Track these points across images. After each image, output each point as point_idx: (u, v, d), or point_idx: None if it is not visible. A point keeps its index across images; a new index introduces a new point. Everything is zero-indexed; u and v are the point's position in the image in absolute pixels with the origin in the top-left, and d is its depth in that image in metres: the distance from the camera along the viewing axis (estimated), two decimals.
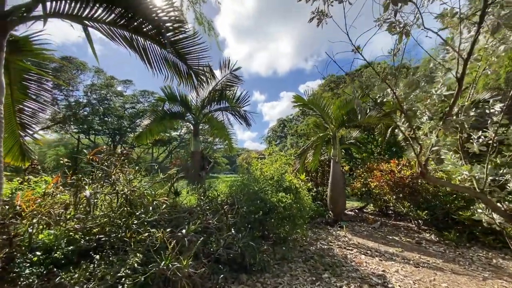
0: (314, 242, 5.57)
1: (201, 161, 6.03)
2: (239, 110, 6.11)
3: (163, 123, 7.00)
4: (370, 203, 9.58)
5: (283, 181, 5.37)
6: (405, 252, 5.02)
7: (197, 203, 4.17)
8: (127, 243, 3.07)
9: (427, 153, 2.13)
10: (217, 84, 5.98)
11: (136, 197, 3.20)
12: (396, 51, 1.83)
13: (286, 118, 42.56)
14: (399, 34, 1.77)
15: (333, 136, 7.57)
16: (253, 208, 4.59)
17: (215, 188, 5.20)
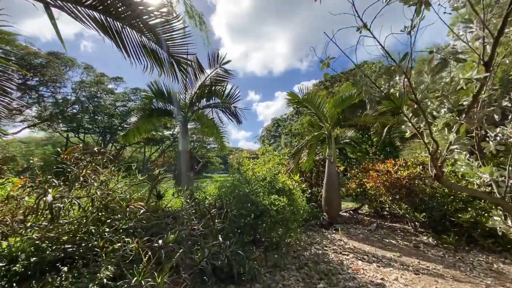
0: (308, 247, 5.28)
1: (189, 160, 5.68)
2: (229, 107, 5.76)
3: (151, 120, 6.61)
4: (365, 204, 9.38)
5: (276, 182, 5.07)
6: (403, 257, 4.78)
7: (181, 207, 3.83)
8: (99, 253, 2.71)
9: (444, 152, 1.84)
10: (206, 79, 5.63)
11: (109, 202, 2.84)
12: (411, 28, 1.52)
13: (281, 118, 42.37)
14: (418, 4, 1.47)
15: (328, 135, 7.31)
16: (244, 211, 4.27)
17: (203, 189, 4.85)
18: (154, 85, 6.29)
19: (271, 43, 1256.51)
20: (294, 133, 18.39)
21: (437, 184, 6.37)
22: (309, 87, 22.90)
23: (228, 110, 5.82)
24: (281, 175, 5.30)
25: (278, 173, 5.39)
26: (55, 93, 23.94)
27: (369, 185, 7.57)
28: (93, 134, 34.75)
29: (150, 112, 6.44)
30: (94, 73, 28.76)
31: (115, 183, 3.35)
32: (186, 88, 6.08)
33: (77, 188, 3.37)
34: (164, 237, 2.60)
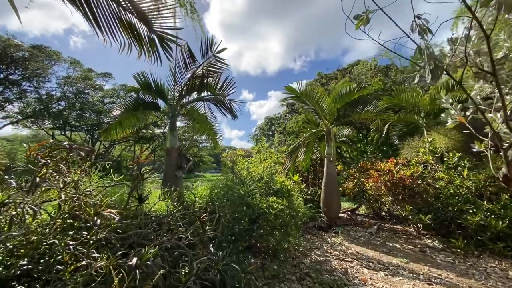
0: (308, 253, 4.86)
1: (178, 159, 5.16)
2: (223, 100, 5.26)
3: (135, 114, 6.04)
4: (363, 204, 9.06)
5: (274, 182, 4.63)
6: (411, 263, 4.42)
7: (167, 212, 3.33)
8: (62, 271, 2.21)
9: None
10: (198, 69, 5.12)
11: (74, 208, 2.33)
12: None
13: (274, 117, 41.98)
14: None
15: (327, 132, 6.91)
16: (238, 215, 3.81)
17: (193, 191, 4.36)
18: (140, 76, 5.74)
19: (264, 43, 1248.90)
20: (288, 131, 18.01)
21: (441, 184, 6.06)
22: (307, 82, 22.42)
23: (221, 103, 5.31)
24: (278, 175, 4.85)
25: (275, 173, 4.95)
26: (39, 88, 22.82)
27: (369, 185, 7.22)
28: (81, 132, 33.60)
29: (135, 105, 5.88)
30: (81, 68, 27.65)
31: (86, 184, 2.83)
32: (175, 79, 5.55)
33: (43, 191, 2.83)
34: (142, 253, 2.12)
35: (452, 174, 5.99)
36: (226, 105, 5.28)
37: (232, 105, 5.24)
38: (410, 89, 8.55)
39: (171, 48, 2.45)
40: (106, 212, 2.16)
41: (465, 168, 5.90)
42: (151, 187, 6.39)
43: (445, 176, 6.06)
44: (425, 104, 7.94)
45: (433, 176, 6.24)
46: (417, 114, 8.13)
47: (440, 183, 6.05)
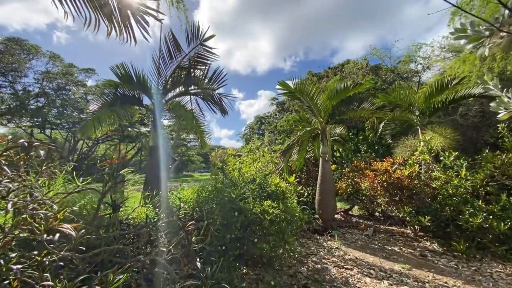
0: (305, 260, 4.51)
1: (162, 159, 4.68)
2: (212, 94, 4.80)
3: (114, 110, 5.48)
4: (356, 205, 8.84)
5: (268, 184, 4.24)
6: (414, 269, 4.15)
7: (146, 221, 2.88)
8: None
9: None
10: (183, 59, 4.65)
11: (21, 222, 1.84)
12: None
13: (264, 116, 41.60)
14: None
15: (322, 131, 6.59)
16: (229, 221, 3.39)
17: (178, 194, 3.90)
18: (120, 68, 5.20)
19: (255, 42, 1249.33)
20: (279, 130, 17.67)
21: (438, 184, 5.87)
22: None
23: (210, 98, 4.85)
24: (273, 176, 4.47)
25: (269, 174, 4.57)
26: (14, 83, 21.43)
27: (364, 185, 6.97)
28: (62, 130, 32.08)
29: (114, 99, 5.33)
30: (62, 63, 26.28)
31: (45, 190, 2.33)
32: (159, 71, 5.05)
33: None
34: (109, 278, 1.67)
35: (450, 174, 5.81)
36: (215, 99, 4.83)
37: (222, 100, 4.78)
38: (406, 87, 8.39)
39: (148, 23, 2.01)
40: (63, 227, 1.70)
41: (462, 167, 5.74)
42: (132, 189, 5.86)
43: (443, 176, 5.88)
44: (420, 102, 7.77)
45: (430, 176, 6.05)
46: (412, 112, 7.97)
47: (437, 183, 5.86)
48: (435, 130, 7.33)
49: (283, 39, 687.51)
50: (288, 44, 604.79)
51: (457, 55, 13.44)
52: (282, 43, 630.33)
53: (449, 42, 13.71)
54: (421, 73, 15.88)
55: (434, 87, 7.64)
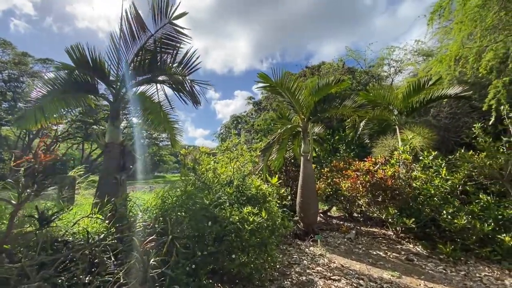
0: (287, 270, 4.02)
1: (120, 158, 3.92)
2: (183, 82, 4.10)
3: (64, 99, 4.57)
4: (336, 205, 8.62)
5: (247, 187, 3.68)
6: (404, 277, 3.85)
7: (87, 238, 2.19)
8: None
9: None
10: (149, 40, 3.93)
11: None
12: None
13: (240, 115, 40.96)
14: None
15: (304, 129, 6.20)
16: (201, 232, 2.79)
17: (137, 200, 3.20)
18: (75, 50, 4.33)
19: (232, 42, 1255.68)
20: (256, 129, 17.19)
21: (418, 184, 5.77)
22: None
23: (181, 86, 4.14)
24: (253, 177, 3.93)
25: (249, 175, 4.03)
26: None
27: (345, 185, 6.71)
28: (14, 127, 28.66)
29: (65, 86, 4.43)
30: (14, 51, 23.41)
31: None
32: (118, 54, 4.26)
33: None
34: None
35: (430, 173, 5.72)
36: (186, 88, 4.15)
37: (194, 88, 4.11)
38: (385, 86, 8.35)
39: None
40: None
41: (441, 167, 5.67)
42: (85, 194, 4.97)
43: (423, 175, 5.78)
44: (399, 102, 7.73)
45: (410, 176, 5.94)
46: (391, 111, 7.91)
47: (417, 182, 5.75)
48: (413, 130, 7.31)
49: (260, 41, 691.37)
50: (265, 45, 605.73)
51: (426, 59, 14.00)
52: (260, 44, 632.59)
53: (420, 46, 14.24)
54: (393, 76, 16.39)
55: (411, 87, 7.63)
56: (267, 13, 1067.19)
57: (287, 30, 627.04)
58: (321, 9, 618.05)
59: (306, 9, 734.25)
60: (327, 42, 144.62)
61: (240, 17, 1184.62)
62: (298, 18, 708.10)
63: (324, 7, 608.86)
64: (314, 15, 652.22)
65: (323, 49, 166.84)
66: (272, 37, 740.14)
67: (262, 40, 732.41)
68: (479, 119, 8.24)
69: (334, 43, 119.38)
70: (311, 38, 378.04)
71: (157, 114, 4.97)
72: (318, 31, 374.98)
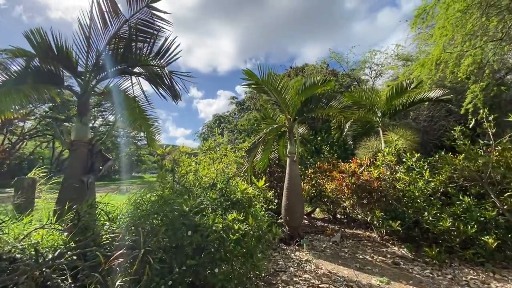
0: (273, 279, 3.78)
1: (87, 157, 3.47)
2: (161, 73, 3.71)
3: (21, 90, 4.01)
4: (319, 207, 8.55)
5: (231, 191, 3.39)
6: (393, 282, 3.74)
7: (36, 257, 1.79)
8: None
9: None
10: (123, 27, 3.52)
11: None
12: None
13: (223, 115, 40.40)
14: None
15: (290, 128, 6.01)
16: (179, 243, 2.47)
17: (105, 207, 2.80)
18: (36, 35, 3.80)
19: (216, 41, 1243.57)
20: (239, 129, 16.87)
21: (402, 186, 5.77)
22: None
23: (158, 78, 3.73)
24: (239, 180, 3.64)
25: (234, 177, 3.74)
26: None
27: (330, 187, 6.61)
28: None
29: (23, 75, 3.88)
30: None
31: None
32: (88, 42, 3.80)
33: None
34: None
35: (414, 175, 5.75)
36: (164, 81, 3.76)
37: (173, 81, 3.73)
38: (369, 89, 8.40)
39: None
40: None
41: (424, 169, 5.71)
42: (48, 198, 4.43)
43: (406, 177, 5.79)
44: (382, 104, 7.79)
45: (394, 178, 5.93)
46: (375, 113, 7.95)
47: (400, 184, 5.75)
48: (396, 132, 7.38)
49: (244, 41, 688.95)
50: (250, 46, 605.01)
51: (406, 63, 14.45)
52: (244, 45, 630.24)
53: (399, 51, 14.67)
54: (374, 79, 16.79)
55: (394, 89, 7.72)
56: (251, 13, 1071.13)
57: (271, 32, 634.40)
58: (304, 13, 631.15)
59: (289, 12, 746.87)
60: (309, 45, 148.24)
61: (224, 16, 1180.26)
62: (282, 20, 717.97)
63: (307, 11, 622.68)
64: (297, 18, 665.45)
65: (305, 52, 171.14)
66: (256, 38, 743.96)
67: (246, 40, 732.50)
68: (455, 123, 8.55)
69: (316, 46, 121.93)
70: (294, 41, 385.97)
71: (133, 110, 4.52)
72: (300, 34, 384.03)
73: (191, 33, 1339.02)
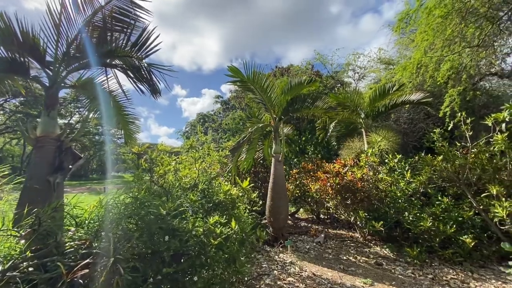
0: (256, 283, 3.65)
1: (55, 155, 3.16)
2: (138, 65, 3.45)
3: None
4: (303, 207, 8.53)
5: (214, 192, 3.22)
6: (376, 284, 3.73)
7: None
8: None
9: None
10: (97, 14, 3.24)
11: None
12: None
13: (207, 114, 39.82)
14: None
15: (276, 128, 5.91)
16: (156, 249, 2.27)
17: (71, 210, 2.54)
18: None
19: (201, 39, 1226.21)
20: (224, 128, 16.62)
21: (384, 186, 5.85)
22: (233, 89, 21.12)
23: (136, 71, 3.46)
24: (222, 180, 3.48)
25: (217, 177, 3.57)
26: None
27: (314, 187, 6.59)
28: None
29: None
30: None
31: None
32: (58, 30, 3.48)
33: None
34: None
35: (396, 176, 5.84)
36: (143, 73, 3.50)
37: (152, 74, 3.47)
38: (353, 90, 8.50)
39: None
40: None
41: (405, 170, 5.81)
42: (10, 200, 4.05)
43: (389, 178, 5.87)
44: (366, 105, 7.89)
45: (377, 178, 6.00)
46: (358, 114, 8.05)
47: (382, 184, 5.82)
48: (379, 133, 7.49)
49: (230, 40, 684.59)
50: (236, 46, 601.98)
51: (387, 67, 14.85)
52: (230, 44, 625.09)
53: (382, 55, 15.05)
54: (357, 82, 17.13)
55: (378, 91, 7.85)
56: (237, 13, 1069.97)
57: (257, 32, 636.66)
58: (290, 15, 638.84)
59: (276, 13, 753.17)
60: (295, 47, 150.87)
61: (210, 14, 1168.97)
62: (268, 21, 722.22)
63: (293, 13, 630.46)
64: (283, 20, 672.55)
65: (291, 53, 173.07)
66: (242, 37, 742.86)
67: (232, 40, 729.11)
68: (434, 125, 8.86)
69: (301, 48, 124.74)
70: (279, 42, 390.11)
71: (109, 105, 4.22)
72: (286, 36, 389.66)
73: (175, 30, 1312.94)
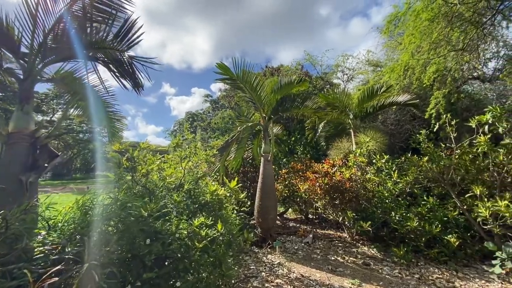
0: (244, 286, 3.55)
1: (29, 153, 2.95)
2: (120, 57, 3.27)
3: None
4: (292, 207, 8.51)
5: (200, 192, 3.10)
6: (364, 284, 3.72)
7: None
8: None
9: None
10: (77, 3, 3.04)
11: None
12: None
13: (196, 113, 39.34)
14: None
15: (265, 127, 5.83)
16: (136, 253, 2.14)
17: (43, 211, 2.35)
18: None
19: (191, 38, 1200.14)
20: (213, 127, 16.41)
21: (371, 186, 5.89)
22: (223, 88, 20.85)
23: (118, 64, 3.28)
24: (208, 180, 3.36)
25: (204, 177, 3.45)
26: None
27: (303, 187, 6.56)
28: None
29: None
30: None
31: None
32: (35, 20, 3.25)
33: None
34: None
35: (383, 176, 5.89)
36: (125, 67, 3.32)
37: (134, 67, 3.30)
38: (342, 91, 8.55)
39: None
40: None
41: (392, 170, 5.87)
42: None
43: (376, 178, 5.92)
44: (354, 106, 7.95)
45: (365, 179, 6.04)
46: (347, 115, 8.10)
47: (370, 184, 5.86)
48: (367, 134, 7.56)
49: (221, 39, 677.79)
50: (226, 45, 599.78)
51: (375, 69, 15.09)
52: (220, 43, 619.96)
53: (370, 57, 15.29)
54: (345, 83, 17.33)
55: (366, 92, 7.92)
56: (228, 12, 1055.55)
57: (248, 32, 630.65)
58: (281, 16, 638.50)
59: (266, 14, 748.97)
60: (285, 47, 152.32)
61: (201, 13, 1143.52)
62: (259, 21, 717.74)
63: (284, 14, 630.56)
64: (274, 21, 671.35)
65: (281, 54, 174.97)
66: (233, 37, 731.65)
67: (223, 39, 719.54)
68: (420, 127, 9.05)
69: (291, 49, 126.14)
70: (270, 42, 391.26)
71: (88, 99, 4.00)
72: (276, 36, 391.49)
73: (165, 28, 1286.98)
